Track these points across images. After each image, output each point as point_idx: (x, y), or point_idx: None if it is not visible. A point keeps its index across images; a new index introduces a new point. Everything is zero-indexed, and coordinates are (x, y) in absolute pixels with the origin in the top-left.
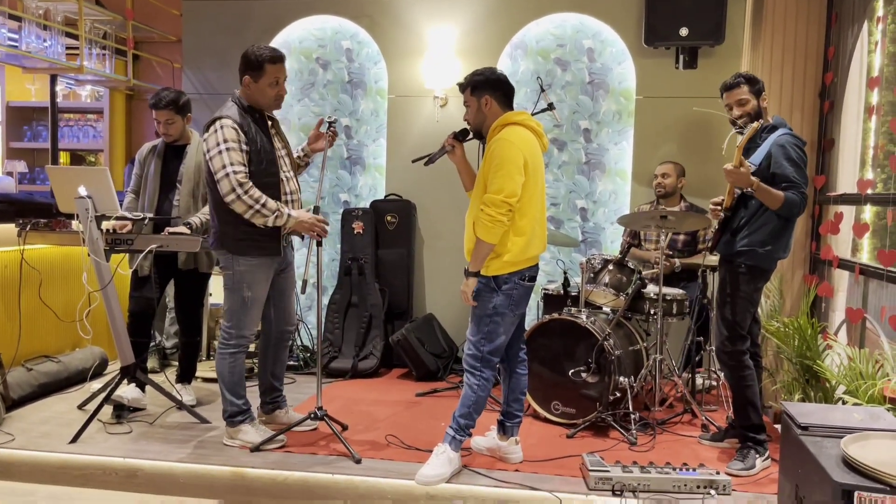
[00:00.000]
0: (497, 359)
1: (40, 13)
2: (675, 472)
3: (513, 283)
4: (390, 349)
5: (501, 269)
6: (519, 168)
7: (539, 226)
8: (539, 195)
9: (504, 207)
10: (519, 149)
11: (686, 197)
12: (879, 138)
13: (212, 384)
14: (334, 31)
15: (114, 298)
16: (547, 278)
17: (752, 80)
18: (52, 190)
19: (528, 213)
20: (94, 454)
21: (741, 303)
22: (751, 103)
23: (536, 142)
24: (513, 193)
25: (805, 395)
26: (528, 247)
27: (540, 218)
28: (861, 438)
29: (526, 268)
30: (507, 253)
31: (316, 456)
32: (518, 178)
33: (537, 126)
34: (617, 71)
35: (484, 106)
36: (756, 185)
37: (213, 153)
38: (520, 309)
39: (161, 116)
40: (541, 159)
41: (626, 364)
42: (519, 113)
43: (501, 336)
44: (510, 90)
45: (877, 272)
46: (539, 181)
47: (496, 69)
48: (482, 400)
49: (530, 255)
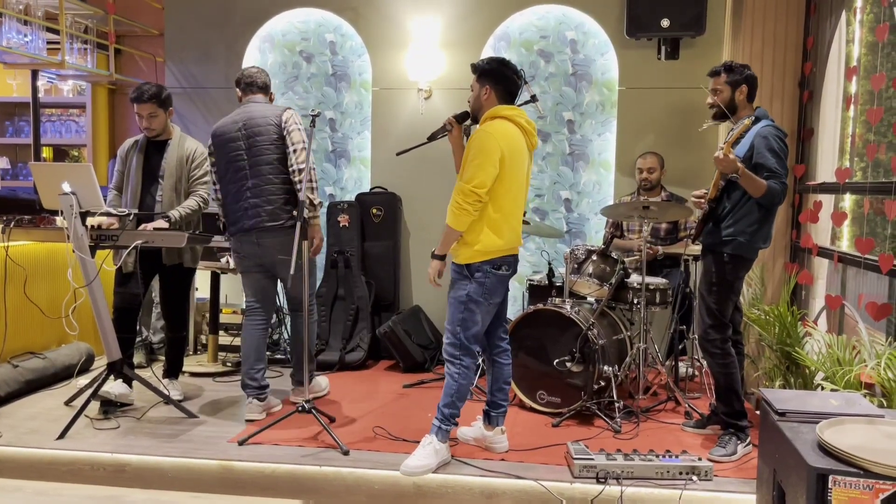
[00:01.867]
0: (475, 347)
1: (20, 8)
2: (658, 459)
3: (484, 272)
4: (377, 341)
5: (473, 258)
6: (493, 161)
7: (514, 219)
8: (517, 190)
9: (472, 197)
10: (497, 142)
11: (667, 186)
12: (857, 127)
13: (198, 379)
14: (318, 23)
15: (99, 294)
16: (532, 269)
17: (732, 70)
18: (35, 186)
19: (502, 205)
20: (82, 450)
21: (724, 292)
22: (723, 93)
23: (521, 138)
24: (482, 184)
25: (785, 382)
26: (500, 238)
27: (516, 212)
28: (836, 424)
29: (499, 257)
30: (479, 243)
31: (304, 448)
32: (491, 170)
33: (528, 124)
34: (600, 62)
35: (483, 94)
36: (742, 172)
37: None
38: (494, 298)
39: (143, 111)
40: (523, 156)
41: (611, 353)
42: (511, 108)
43: (477, 324)
44: (514, 87)
45: (854, 260)
46: (518, 177)
47: (509, 63)
48: (464, 389)
49: (504, 247)
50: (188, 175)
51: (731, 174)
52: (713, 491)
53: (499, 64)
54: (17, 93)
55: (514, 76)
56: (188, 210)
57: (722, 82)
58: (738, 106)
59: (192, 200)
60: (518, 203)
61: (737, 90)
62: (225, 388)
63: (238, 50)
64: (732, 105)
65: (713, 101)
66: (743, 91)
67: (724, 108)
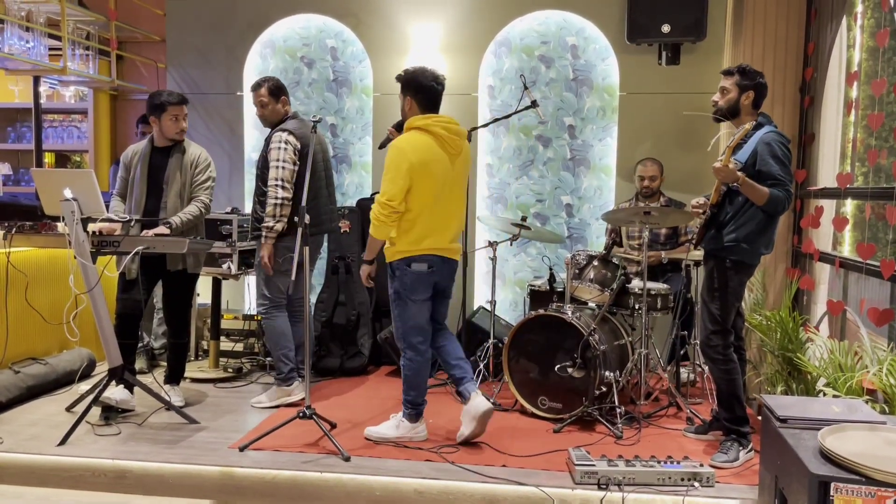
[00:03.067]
0: (416, 339)
1: (22, 15)
2: (660, 465)
3: (402, 270)
4: (378, 347)
5: (393, 257)
6: (402, 173)
7: (440, 219)
8: (436, 193)
9: (387, 209)
10: (406, 155)
11: (668, 191)
12: (858, 132)
13: (200, 385)
14: (319, 29)
15: (101, 301)
16: (533, 274)
17: (745, 74)
18: (37, 192)
19: (416, 209)
20: (82, 456)
21: (726, 297)
22: (730, 94)
23: (435, 145)
24: (393, 197)
25: (787, 388)
26: (419, 239)
27: (440, 212)
28: (838, 430)
29: (415, 256)
30: (398, 243)
31: (305, 454)
32: (401, 182)
33: (443, 131)
34: (600, 67)
35: (406, 105)
36: (742, 180)
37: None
38: (415, 294)
39: (182, 111)
40: (440, 163)
41: (612, 359)
42: (425, 117)
43: (410, 318)
44: (433, 94)
45: (856, 265)
46: (436, 181)
47: (427, 71)
48: (413, 378)
49: (424, 247)
50: (191, 180)
51: (733, 184)
52: (715, 497)
53: (416, 74)
54: (19, 99)
55: (433, 84)
56: (189, 216)
57: (732, 83)
58: (742, 110)
59: (193, 206)
60: (442, 206)
61: (744, 94)
62: (226, 393)
63: (239, 56)
64: (736, 108)
65: (717, 99)
66: (749, 96)
67: (726, 110)
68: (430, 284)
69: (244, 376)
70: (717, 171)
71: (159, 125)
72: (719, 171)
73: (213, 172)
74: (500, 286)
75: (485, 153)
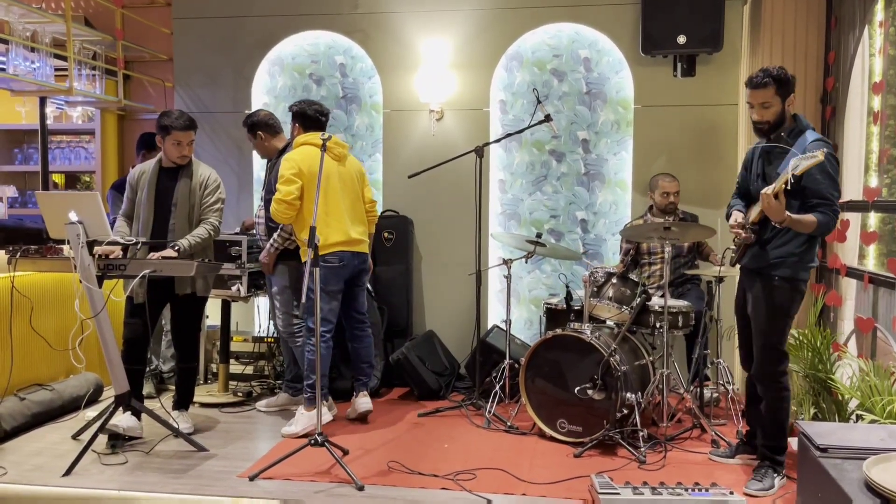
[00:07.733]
0: (321, 329)
1: (28, 35)
2: (687, 492)
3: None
4: (391, 368)
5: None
6: (291, 176)
7: (333, 218)
8: (327, 195)
9: (282, 205)
10: (295, 162)
11: (684, 205)
12: (883, 143)
13: (209, 410)
14: (327, 46)
15: (107, 326)
16: (548, 292)
17: (782, 81)
18: (42, 215)
19: (309, 209)
20: (88, 487)
21: (780, 318)
22: (773, 108)
23: (319, 154)
24: (288, 193)
25: (817, 409)
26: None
27: (332, 211)
28: (884, 460)
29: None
30: (301, 243)
31: (316, 483)
32: (291, 182)
33: (326, 142)
34: (614, 80)
35: (294, 130)
36: (788, 222)
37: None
38: (328, 286)
39: (186, 138)
40: (327, 168)
41: (633, 379)
42: (308, 135)
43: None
44: (311, 118)
45: (886, 280)
46: (329, 184)
47: (306, 101)
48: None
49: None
50: (200, 202)
51: (776, 223)
52: None
53: (296, 105)
54: (26, 120)
55: (304, 110)
56: (198, 239)
57: (771, 94)
58: (787, 118)
59: (202, 229)
60: (334, 204)
61: (786, 100)
62: (235, 419)
63: (247, 74)
64: (783, 118)
65: (760, 116)
66: (792, 101)
67: (775, 124)
68: (341, 276)
69: (254, 400)
70: (765, 198)
71: (164, 146)
72: (767, 199)
73: (222, 194)
74: (514, 304)
75: (497, 169)
